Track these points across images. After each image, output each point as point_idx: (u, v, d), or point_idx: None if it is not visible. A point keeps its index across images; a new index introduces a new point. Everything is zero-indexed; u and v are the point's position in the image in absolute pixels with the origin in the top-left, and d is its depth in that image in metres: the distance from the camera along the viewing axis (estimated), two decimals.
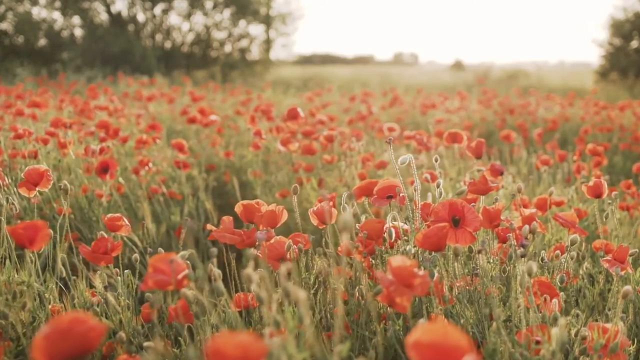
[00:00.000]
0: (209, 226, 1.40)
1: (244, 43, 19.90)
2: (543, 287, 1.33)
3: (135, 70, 15.23)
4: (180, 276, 0.99)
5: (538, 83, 17.00)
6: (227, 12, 19.45)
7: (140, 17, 18.72)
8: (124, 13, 18.44)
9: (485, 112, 6.75)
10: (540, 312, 1.29)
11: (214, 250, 1.06)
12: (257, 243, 1.40)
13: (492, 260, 1.45)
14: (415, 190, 1.53)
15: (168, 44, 19.01)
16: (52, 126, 3.08)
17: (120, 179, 2.79)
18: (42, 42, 17.74)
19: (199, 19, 19.34)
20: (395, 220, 1.33)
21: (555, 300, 1.24)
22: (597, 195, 1.81)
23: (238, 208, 1.53)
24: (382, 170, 2.77)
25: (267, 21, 20.13)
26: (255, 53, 20.24)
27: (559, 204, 2.34)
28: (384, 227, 1.42)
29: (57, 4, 17.56)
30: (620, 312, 1.25)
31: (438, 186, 1.55)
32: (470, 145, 2.03)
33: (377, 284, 1.30)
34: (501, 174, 2.13)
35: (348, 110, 6.36)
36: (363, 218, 1.68)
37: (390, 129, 3.91)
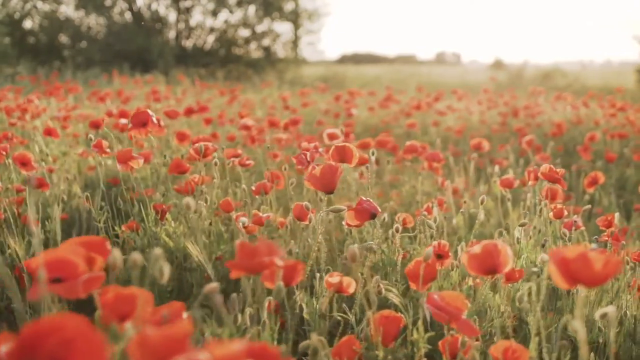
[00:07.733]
0: None
1: (267, 41, 19.27)
2: None
3: (152, 69, 14.78)
4: None
5: (575, 82, 15.83)
6: (251, 9, 18.88)
7: (162, 14, 18.36)
8: (145, 10, 18.09)
9: (488, 113, 5.88)
10: None
11: None
12: None
13: None
14: None
15: (189, 42, 18.57)
16: None
17: None
18: (64, 40, 17.54)
19: (221, 16, 18.84)
20: None
21: None
22: (489, 271, 1.04)
23: None
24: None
25: (294, 18, 19.42)
26: (279, 51, 19.57)
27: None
28: None
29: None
30: None
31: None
32: (313, 174, 1.28)
33: None
34: (373, 217, 1.37)
35: (328, 112, 5.61)
36: None
37: (331, 136, 3.19)
